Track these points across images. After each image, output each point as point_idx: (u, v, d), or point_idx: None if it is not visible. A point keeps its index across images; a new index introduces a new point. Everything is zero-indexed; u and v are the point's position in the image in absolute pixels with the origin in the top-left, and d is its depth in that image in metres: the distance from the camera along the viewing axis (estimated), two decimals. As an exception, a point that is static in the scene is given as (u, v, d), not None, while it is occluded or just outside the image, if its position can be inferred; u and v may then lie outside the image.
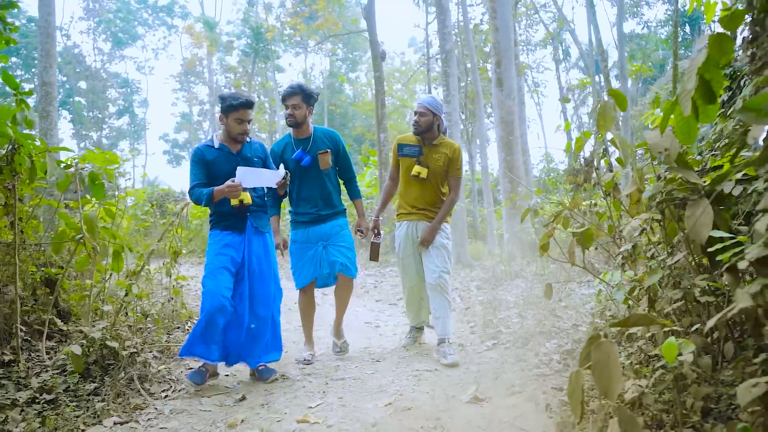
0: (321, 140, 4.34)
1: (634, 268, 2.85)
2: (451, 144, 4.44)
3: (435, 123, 4.38)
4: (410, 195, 4.48)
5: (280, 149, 4.37)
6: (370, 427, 2.81)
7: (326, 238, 4.32)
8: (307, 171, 4.29)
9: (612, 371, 1.59)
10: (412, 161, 4.42)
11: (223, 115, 3.84)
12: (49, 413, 3.11)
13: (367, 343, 4.90)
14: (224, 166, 3.82)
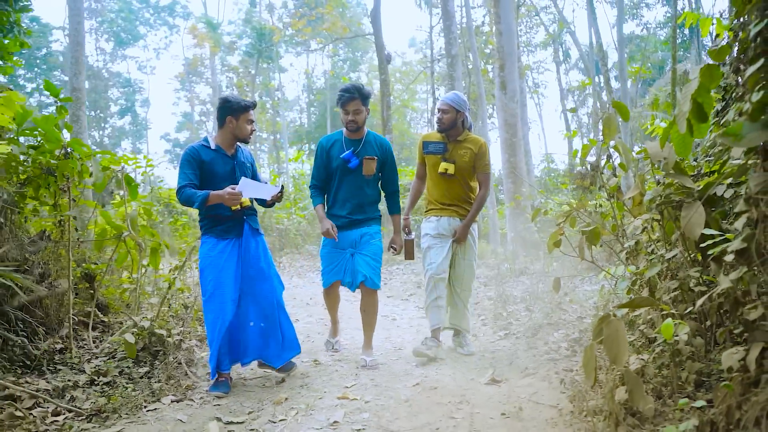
0: (371, 146, 4.22)
1: (636, 263, 3.21)
2: (477, 139, 4.39)
3: (459, 119, 4.33)
4: (438, 192, 4.46)
5: (328, 144, 4.25)
6: (403, 402, 3.17)
7: (355, 245, 4.21)
8: (350, 173, 4.17)
9: (620, 343, 1.95)
10: (437, 158, 4.40)
11: (232, 117, 3.77)
12: (111, 392, 3.47)
13: (387, 334, 5.25)
14: (219, 168, 3.77)
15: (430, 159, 4.47)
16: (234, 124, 3.79)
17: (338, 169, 4.18)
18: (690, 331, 2.47)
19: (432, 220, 4.46)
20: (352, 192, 4.20)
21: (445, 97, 4.37)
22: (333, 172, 4.21)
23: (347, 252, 4.22)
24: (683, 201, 2.68)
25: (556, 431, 2.53)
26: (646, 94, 32.24)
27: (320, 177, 4.29)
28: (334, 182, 4.24)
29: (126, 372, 3.81)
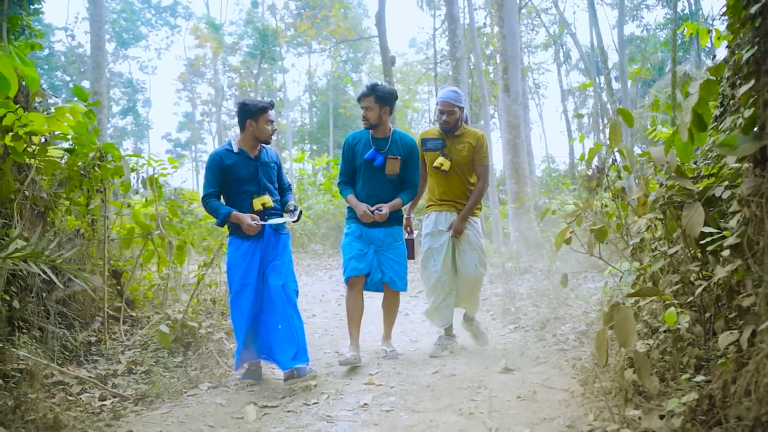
0: (396, 145, 4.26)
1: (640, 259, 3.47)
2: (474, 132, 4.40)
3: (461, 115, 4.38)
4: (436, 188, 4.47)
5: (354, 141, 4.33)
6: (425, 387, 3.44)
7: (379, 244, 4.26)
8: (374, 171, 4.22)
9: (629, 328, 2.21)
10: (436, 154, 4.40)
11: (252, 120, 3.87)
12: (150, 380, 3.73)
13: (402, 328, 5.51)
14: (243, 171, 3.88)
15: (428, 156, 4.47)
16: (254, 127, 3.89)
17: (362, 167, 4.23)
18: (690, 320, 2.73)
19: (431, 216, 4.46)
20: (375, 189, 4.23)
21: (444, 96, 4.34)
22: (358, 168, 4.27)
23: (371, 248, 4.23)
24: (684, 202, 2.93)
25: (569, 411, 2.79)
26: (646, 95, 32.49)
27: (347, 173, 4.37)
28: (359, 179, 4.28)
29: (161, 362, 4.06)
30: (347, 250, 4.27)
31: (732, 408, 1.94)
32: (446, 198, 4.42)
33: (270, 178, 4.03)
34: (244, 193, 3.90)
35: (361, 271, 4.19)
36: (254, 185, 3.91)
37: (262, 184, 3.94)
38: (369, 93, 4.15)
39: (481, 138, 4.37)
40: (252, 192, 3.91)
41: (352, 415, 3.01)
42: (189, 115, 43.18)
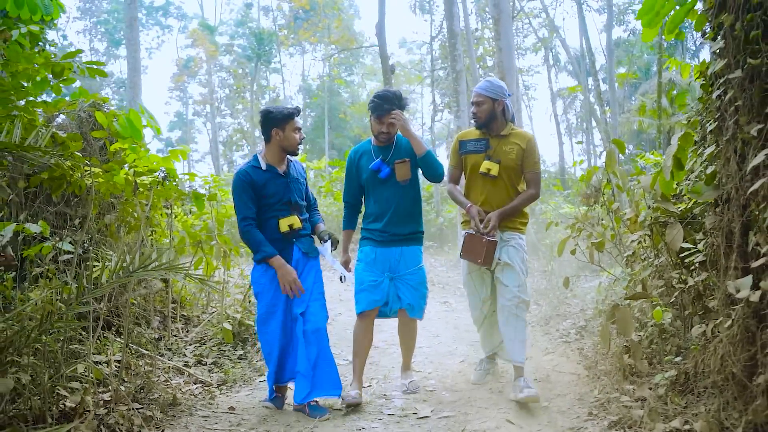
0: (402, 149, 3.84)
1: (632, 266, 4.24)
2: (524, 134, 3.84)
3: (497, 109, 3.74)
4: (479, 197, 3.79)
5: (356, 156, 3.94)
6: (457, 372, 4.18)
7: (395, 269, 3.80)
8: (383, 183, 3.80)
9: (628, 323, 2.96)
10: (479, 157, 3.77)
11: (278, 129, 3.55)
12: (221, 369, 4.43)
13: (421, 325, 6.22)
14: (272, 188, 3.56)
15: (469, 159, 3.84)
16: (281, 136, 3.57)
17: (370, 182, 3.83)
18: (672, 316, 3.49)
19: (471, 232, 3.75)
20: (387, 203, 3.79)
21: (477, 86, 3.82)
22: (365, 184, 3.89)
23: (385, 277, 3.78)
24: (667, 221, 3.69)
25: (578, 388, 3.55)
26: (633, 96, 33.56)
27: (352, 192, 4.00)
28: (369, 197, 3.91)
29: (225, 355, 4.78)
30: (359, 279, 3.82)
31: (700, 380, 2.70)
32: (489, 209, 3.73)
33: (300, 195, 3.72)
34: (278, 210, 3.58)
35: (376, 303, 3.75)
36: (286, 205, 3.59)
37: (293, 203, 3.62)
38: (395, 107, 3.69)
39: (531, 141, 3.80)
40: (286, 210, 3.59)
41: (404, 394, 3.74)
42: (180, 114, 43.60)
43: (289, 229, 3.56)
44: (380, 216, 3.83)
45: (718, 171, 2.54)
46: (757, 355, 2.19)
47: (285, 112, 3.57)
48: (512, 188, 3.80)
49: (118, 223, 4.59)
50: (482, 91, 3.76)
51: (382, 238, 3.81)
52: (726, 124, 2.38)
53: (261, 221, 3.57)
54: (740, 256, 2.37)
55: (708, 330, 2.66)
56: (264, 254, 3.48)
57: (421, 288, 3.87)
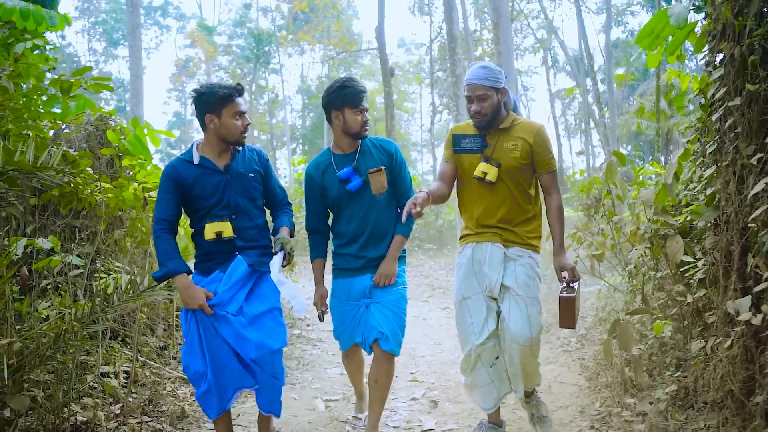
0: (371, 154, 3.14)
1: (633, 278, 4.30)
2: (530, 125, 3.00)
3: (501, 99, 2.94)
4: (476, 207, 3.06)
5: (318, 173, 3.18)
6: (459, 382, 4.23)
7: (371, 294, 3.14)
8: (354, 197, 3.11)
9: (629, 338, 3.02)
10: (475, 158, 3.00)
11: (213, 115, 2.79)
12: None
13: (424, 332, 6.30)
14: (204, 188, 2.82)
15: (464, 160, 3.05)
16: (216, 123, 2.80)
17: (341, 199, 3.14)
18: (672, 329, 3.55)
19: (466, 251, 3.07)
20: (362, 222, 3.14)
21: (471, 76, 2.92)
22: (333, 204, 3.19)
23: (361, 304, 3.15)
24: (667, 234, 3.75)
25: (580, 400, 3.61)
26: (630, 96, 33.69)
27: (317, 217, 3.27)
28: (338, 214, 3.22)
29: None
30: (335, 316, 3.28)
31: (700, 395, 2.76)
32: (489, 222, 3.01)
33: (248, 195, 2.92)
34: (214, 216, 2.84)
35: (355, 340, 3.22)
36: (226, 208, 2.85)
37: (233, 205, 2.86)
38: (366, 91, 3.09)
39: (540, 132, 2.98)
40: (221, 216, 2.83)
41: (408, 406, 3.80)
42: (179, 114, 43.64)
43: (216, 238, 2.79)
44: (354, 238, 3.16)
45: (717, 192, 2.60)
46: (755, 375, 2.25)
47: (220, 92, 2.76)
48: (520, 195, 2.99)
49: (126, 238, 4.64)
50: (483, 81, 2.87)
51: (357, 264, 3.15)
52: (726, 149, 2.44)
53: (196, 228, 2.89)
54: (739, 277, 2.43)
55: (708, 346, 2.72)
56: (165, 270, 2.74)
57: (398, 312, 3.10)
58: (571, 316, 2.85)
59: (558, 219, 3.00)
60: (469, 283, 3.02)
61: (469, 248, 3.07)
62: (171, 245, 2.79)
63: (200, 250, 2.91)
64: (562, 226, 3.02)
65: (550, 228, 3.03)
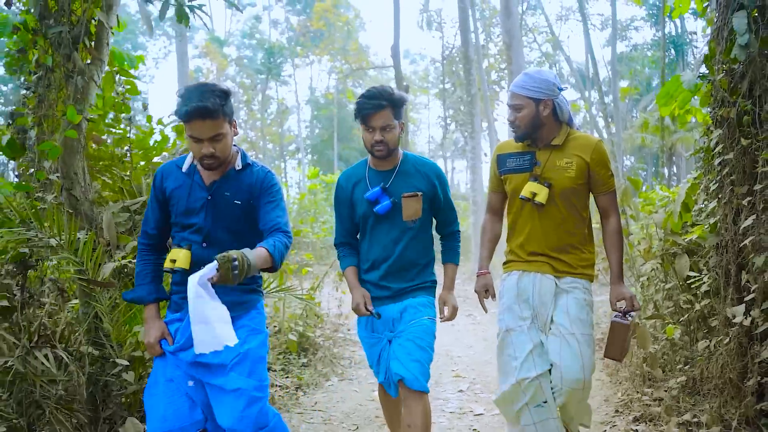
0: (410, 176, 2.83)
1: (646, 289, 5.00)
2: (587, 140, 2.76)
3: (543, 112, 2.68)
4: (522, 232, 2.81)
5: (349, 183, 2.92)
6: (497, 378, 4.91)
7: (394, 327, 2.81)
8: (383, 221, 2.83)
9: (646, 338, 3.71)
10: (522, 178, 2.76)
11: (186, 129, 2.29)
12: (291, 375, 5.17)
13: (454, 336, 6.98)
14: (184, 200, 2.39)
15: (510, 181, 2.82)
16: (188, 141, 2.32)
17: (368, 217, 2.85)
18: (681, 332, 4.24)
19: (511, 279, 2.82)
20: (386, 248, 2.83)
21: (514, 84, 2.75)
22: (361, 221, 2.90)
23: (384, 337, 2.84)
24: (676, 252, 4.45)
25: (603, 391, 4.29)
26: (634, 109, 34.52)
27: (346, 231, 2.98)
28: (364, 235, 2.92)
29: (292, 363, 5.52)
30: (365, 348, 2.98)
31: (705, 384, 3.45)
32: (538, 249, 2.77)
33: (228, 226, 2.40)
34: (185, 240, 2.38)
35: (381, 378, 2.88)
36: (196, 232, 2.37)
37: (205, 232, 2.37)
38: (385, 103, 2.68)
39: (599, 148, 2.74)
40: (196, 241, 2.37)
41: (457, 396, 4.48)
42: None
43: (171, 266, 2.32)
44: (376, 264, 2.86)
45: (718, 222, 3.30)
46: (748, 364, 2.94)
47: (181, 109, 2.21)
48: (573, 219, 2.75)
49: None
50: (519, 90, 2.69)
51: (380, 294, 2.84)
52: (724, 189, 3.14)
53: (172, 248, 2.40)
54: (735, 289, 3.13)
55: (711, 345, 3.41)
56: (134, 295, 2.45)
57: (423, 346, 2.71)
58: (621, 345, 2.70)
59: (616, 245, 2.78)
60: (513, 314, 2.75)
61: (514, 276, 2.80)
62: (148, 267, 2.44)
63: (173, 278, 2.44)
64: (621, 253, 2.80)
65: (607, 254, 2.79)
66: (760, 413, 2.95)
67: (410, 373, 2.63)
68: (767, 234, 2.83)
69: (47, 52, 3.11)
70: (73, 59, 3.12)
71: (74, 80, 3.12)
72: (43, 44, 3.11)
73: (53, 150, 2.76)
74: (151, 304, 2.41)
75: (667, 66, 31.57)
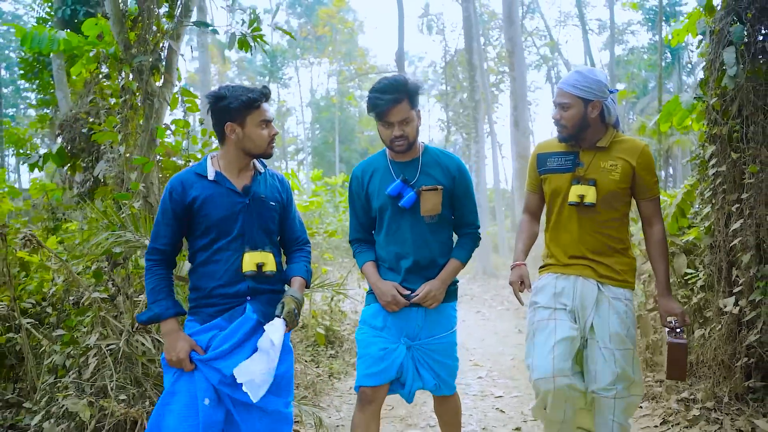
0: (432, 169, 2.71)
1: (648, 285, 5.49)
2: (634, 144, 2.67)
3: (591, 113, 2.61)
4: (565, 235, 2.72)
5: (365, 175, 2.78)
6: (512, 367, 5.41)
7: (415, 335, 2.68)
8: (404, 215, 2.68)
9: (648, 327, 4.20)
10: (564, 179, 2.69)
11: (235, 124, 2.34)
12: (323, 365, 5.64)
13: (467, 331, 7.47)
14: (217, 209, 2.36)
15: (551, 181, 2.75)
16: (240, 134, 2.36)
17: (384, 210, 2.71)
18: (679, 323, 4.72)
19: (547, 282, 2.72)
20: (407, 245, 2.70)
21: (562, 81, 2.67)
22: (377, 214, 2.76)
23: (401, 344, 2.67)
24: (675, 252, 4.94)
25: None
26: (630, 111, 35.13)
27: (362, 227, 2.86)
28: (380, 230, 2.78)
29: (320, 354, 5.99)
30: (362, 346, 2.72)
31: (700, 367, 3.94)
32: (578, 253, 2.69)
33: (265, 226, 2.46)
34: (223, 249, 2.37)
35: (383, 378, 2.63)
36: (237, 239, 2.38)
37: (247, 237, 2.39)
38: (404, 96, 2.53)
39: (645, 152, 2.66)
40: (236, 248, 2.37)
41: (477, 382, 4.97)
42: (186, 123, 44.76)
43: (256, 270, 2.34)
44: (397, 262, 2.72)
45: (712, 225, 3.79)
46: (737, 347, 3.44)
47: (243, 97, 2.32)
48: (616, 223, 2.69)
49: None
50: (569, 89, 2.60)
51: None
52: (717, 197, 3.63)
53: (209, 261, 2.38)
54: (726, 284, 3.62)
55: (706, 333, 3.90)
56: (150, 314, 2.34)
57: (449, 363, 2.73)
58: (681, 365, 2.55)
59: (662, 254, 2.69)
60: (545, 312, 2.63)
61: (551, 279, 2.70)
62: (163, 282, 2.36)
63: (198, 291, 2.39)
64: (667, 262, 2.71)
65: (652, 264, 2.71)
66: (748, 389, 3.45)
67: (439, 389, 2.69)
68: (753, 235, 3.33)
69: (131, 78, 3.58)
70: (150, 83, 3.59)
71: (151, 101, 3.59)
72: (128, 71, 3.58)
73: (148, 164, 3.23)
74: (170, 319, 2.30)
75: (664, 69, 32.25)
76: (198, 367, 2.26)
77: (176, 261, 2.46)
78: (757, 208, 3.35)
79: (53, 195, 5.84)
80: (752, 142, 3.39)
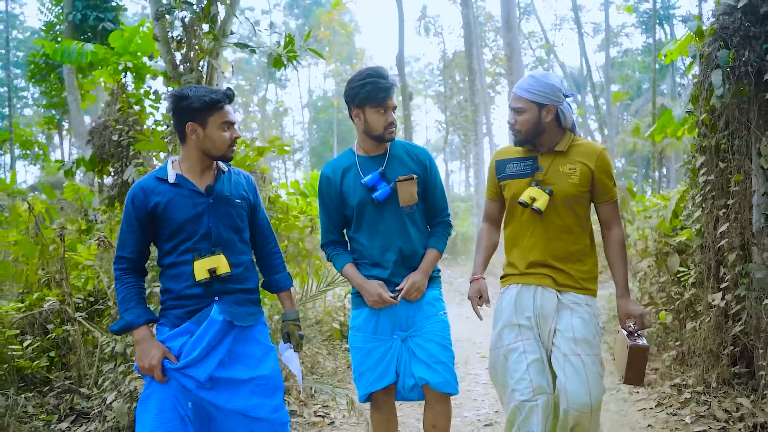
0: (402, 159, 2.75)
1: (643, 282, 5.90)
2: (591, 147, 2.67)
3: (545, 117, 2.58)
4: (526, 240, 2.65)
5: (337, 175, 2.75)
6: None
7: (407, 325, 2.70)
8: (382, 209, 2.70)
9: (643, 321, 4.59)
10: (525, 183, 2.64)
11: (195, 124, 2.33)
12: (339, 359, 6.02)
13: (471, 327, 7.84)
14: (183, 210, 2.35)
15: (511, 187, 2.70)
16: (201, 134, 2.36)
17: (363, 206, 2.70)
18: (672, 317, 5.13)
19: (509, 294, 2.68)
20: (389, 239, 2.71)
21: (518, 85, 2.64)
22: (354, 213, 2.74)
23: (394, 340, 2.70)
24: (668, 251, 5.35)
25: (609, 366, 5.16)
26: (624, 112, 35.67)
27: (335, 228, 2.85)
28: (360, 229, 2.76)
29: (336, 348, 6.36)
30: (357, 355, 2.74)
31: (691, 357, 4.34)
32: (539, 259, 2.65)
33: (233, 224, 2.46)
34: (190, 250, 2.37)
35: (386, 380, 2.69)
36: (203, 240, 2.38)
37: (215, 237, 2.40)
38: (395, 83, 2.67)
39: (603, 156, 2.65)
40: (199, 250, 2.37)
41: (486, 373, 5.34)
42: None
43: (209, 277, 2.34)
44: (381, 259, 2.73)
45: (702, 227, 4.19)
46: (724, 337, 3.84)
47: (206, 98, 2.32)
48: (576, 228, 2.65)
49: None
50: (523, 93, 2.59)
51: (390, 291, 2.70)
52: (707, 202, 4.03)
53: (174, 266, 2.39)
54: (715, 280, 4.02)
55: (696, 325, 4.30)
56: (121, 323, 2.33)
57: (446, 345, 2.70)
58: (640, 369, 2.53)
59: (621, 256, 2.67)
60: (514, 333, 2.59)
61: (513, 290, 2.66)
62: (133, 291, 2.36)
63: (168, 294, 2.40)
64: (626, 265, 2.70)
65: (610, 267, 2.69)
66: (734, 375, 3.86)
67: (440, 377, 2.59)
68: (738, 237, 3.73)
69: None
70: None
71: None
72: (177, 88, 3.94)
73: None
74: (142, 326, 2.30)
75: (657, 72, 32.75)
76: (173, 376, 2.27)
77: (146, 268, 2.47)
78: (742, 212, 3.75)
79: (85, 198, 6.19)
80: (737, 153, 3.78)
